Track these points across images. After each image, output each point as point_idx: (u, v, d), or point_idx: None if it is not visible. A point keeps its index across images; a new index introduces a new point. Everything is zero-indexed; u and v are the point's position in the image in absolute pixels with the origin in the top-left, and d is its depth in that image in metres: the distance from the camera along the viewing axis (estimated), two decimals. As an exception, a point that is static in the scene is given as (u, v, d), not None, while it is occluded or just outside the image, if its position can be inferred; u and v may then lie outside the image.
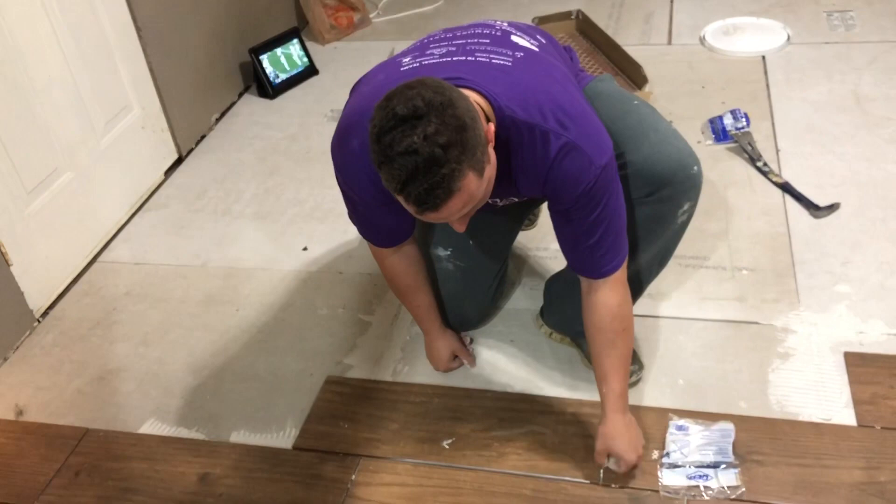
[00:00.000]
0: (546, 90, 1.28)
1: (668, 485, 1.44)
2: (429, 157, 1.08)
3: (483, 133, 1.15)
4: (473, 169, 1.12)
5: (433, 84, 1.12)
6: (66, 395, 1.82)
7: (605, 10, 3.16)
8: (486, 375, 1.71)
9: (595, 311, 1.40)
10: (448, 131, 1.08)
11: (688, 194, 1.43)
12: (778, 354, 1.66)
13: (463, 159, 1.10)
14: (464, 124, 1.10)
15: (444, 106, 1.09)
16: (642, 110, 1.46)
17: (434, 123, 1.08)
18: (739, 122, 2.31)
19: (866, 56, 2.63)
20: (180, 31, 2.59)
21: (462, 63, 1.30)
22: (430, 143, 1.07)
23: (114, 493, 1.58)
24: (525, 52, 1.35)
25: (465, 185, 1.12)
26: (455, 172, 1.10)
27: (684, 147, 1.42)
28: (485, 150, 1.15)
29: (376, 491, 1.51)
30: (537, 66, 1.33)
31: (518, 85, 1.27)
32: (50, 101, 2.08)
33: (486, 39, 1.37)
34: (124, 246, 2.29)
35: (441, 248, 1.70)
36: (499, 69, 1.29)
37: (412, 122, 1.08)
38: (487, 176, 1.17)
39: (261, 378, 1.79)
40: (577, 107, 1.29)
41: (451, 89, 1.13)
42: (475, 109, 1.16)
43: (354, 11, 3.30)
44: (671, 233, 1.48)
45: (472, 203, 1.17)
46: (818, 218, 2.00)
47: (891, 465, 1.43)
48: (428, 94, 1.09)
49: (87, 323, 2.02)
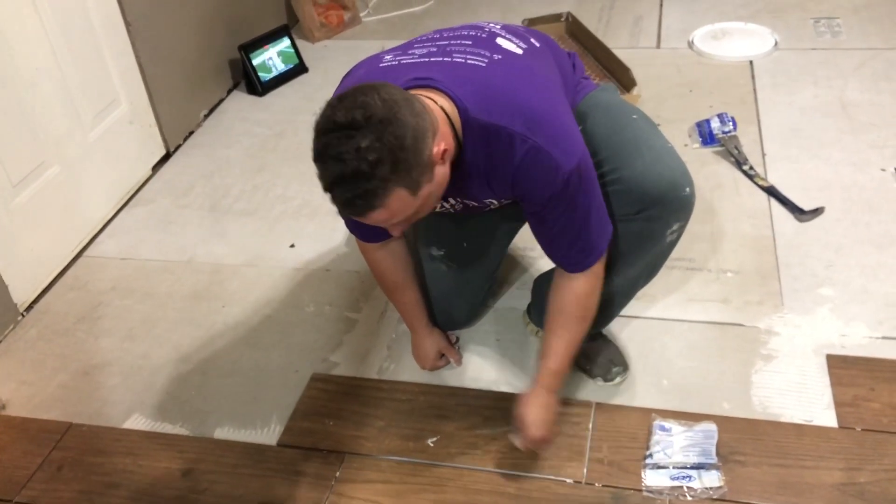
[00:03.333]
0: (516, 92, 1.27)
1: (652, 485, 1.45)
2: (355, 170, 1.09)
3: (428, 153, 1.15)
4: (404, 187, 1.14)
5: (388, 95, 1.12)
6: (50, 390, 1.81)
7: (595, 12, 3.18)
8: (471, 374, 1.72)
9: (562, 292, 1.43)
10: (381, 149, 1.09)
11: (677, 215, 1.42)
12: (761, 356, 1.68)
13: (391, 178, 1.11)
14: (402, 144, 1.10)
15: (384, 122, 1.09)
16: (640, 125, 1.45)
17: (368, 139, 1.09)
18: (726, 125, 2.33)
19: (852, 62, 2.65)
20: (170, 27, 2.58)
21: (437, 64, 1.30)
22: (359, 158, 1.09)
23: (97, 487, 1.58)
24: (505, 54, 1.34)
25: (389, 203, 1.13)
26: (379, 189, 1.11)
27: (678, 167, 1.40)
28: (425, 170, 1.16)
29: (360, 488, 1.51)
30: (513, 69, 1.31)
31: (488, 87, 1.26)
32: (37, 93, 2.07)
33: (468, 41, 1.37)
34: (111, 241, 2.28)
35: (435, 248, 1.70)
36: (471, 70, 1.29)
37: (348, 131, 1.09)
38: (426, 193, 1.18)
39: (246, 374, 1.79)
40: (547, 110, 1.28)
41: (404, 104, 1.13)
42: (424, 129, 1.15)
43: (345, 10, 3.30)
44: (659, 250, 1.48)
45: (400, 217, 1.19)
46: (803, 222, 2.02)
47: (870, 467, 1.44)
48: (375, 105, 1.10)
49: (72, 317, 2.01)
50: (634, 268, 1.51)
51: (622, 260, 1.48)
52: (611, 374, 1.64)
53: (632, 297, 1.62)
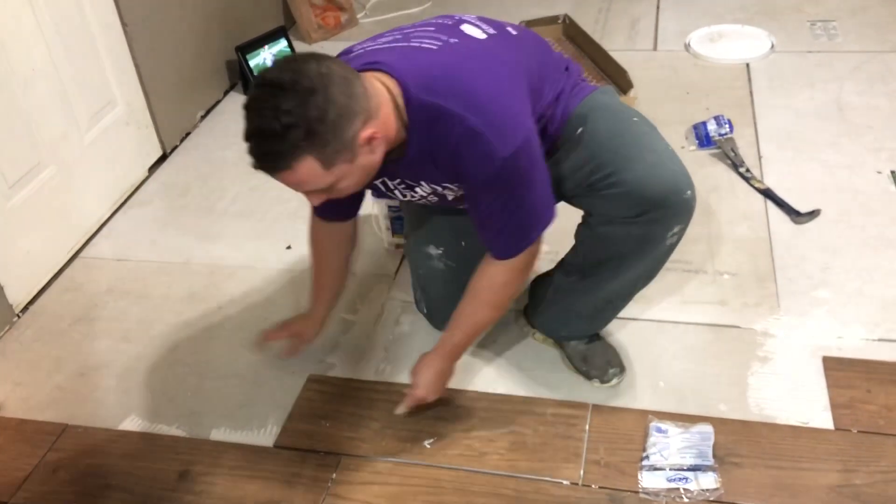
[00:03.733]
0: (461, 74, 1.27)
1: (648, 487, 1.45)
2: (267, 128, 1.14)
3: (352, 135, 1.18)
4: (316, 158, 1.17)
5: (326, 69, 1.16)
6: (46, 391, 1.81)
7: (592, 14, 3.18)
8: (468, 375, 1.72)
9: (481, 276, 1.44)
10: (299, 115, 1.13)
11: (678, 217, 1.42)
12: (758, 358, 1.68)
13: (303, 145, 1.15)
14: (321, 117, 1.14)
15: (309, 91, 1.13)
16: (641, 128, 1.45)
17: (290, 103, 1.13)
18: (723, 128, 2.33)
19: (848, 65, 2.66)
20: (166, 28, 2.58)
21: (394, 49, 1.32)
22: (274, 118, 1.13)
23: (92, 489, 1.57)
24: (463, 39, 1.34)
25: (298, 167, 1.17)
26: (288, 153, 1.15)
27: (680, 170, 1.40)
28: (344, 149, 1.18)
29: (357, 490, 1.51)
30: (465, 52, 1.32)
31: (433, 68, 1.28)
32: (33, 94, 2.07)
33: (432, 27, 1.38)
34: (107, 242, 2.27)
35: (433, 246, 1.70)
36: (422, 53, 1.30)
37: (275, 90, 1.14)
38: (341, 171, 1.21)
39: (242, 376, 1.78)
40: (492, 93, 1.27)
41: (341, 81, 1.16)
42: (354, 111, 1.17)
43: (342, 11, 3.30)
44: (659, 253, 1.48)
45: (310, 185, 1.22)
46: (799, 224, 2.02)
47: (866, 469, 1.44)
48: (308, 74, 1.14)
49: (68, 319, 2.01)
50: (634, 270, 1.51)
51: (622, 262, 1.48)
52: (607, 375, 1.64)
53: (630, 300, 1.63)
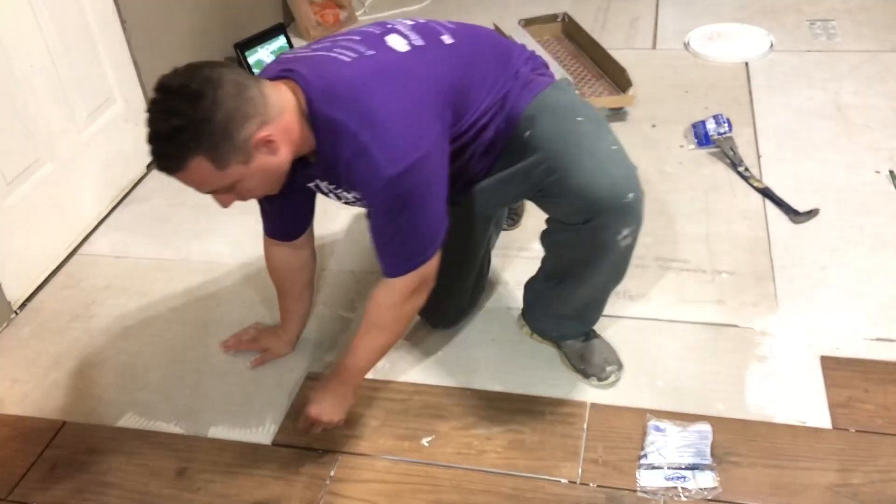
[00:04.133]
0: (362, 89, 1.28)
1: (646, 486, 1.45)
2: (159, 131, 1.22)
3: (244, 136, 1.23)
4: (207, 159, 1.22)
5: (217, 74, 1.21)
6: (43, 388, 1.80)
7: (591, 13, 3.18)
8: (466, 374, 1.72)
9: (372, 296, 1.45)
10: (185, 119, 1.19)
11: (624, 221, 1.40)
12: (756, 357, 1.68)
13: (192, 147, 1.21)
14: (208, 118, 1.19)
15: (196, 96, 1.19)
16: (583, 129, 1.41)
17: (176, 106, 1.19)
18: (722, 127, 2.33)
19: (847, 64, 2.66)
20: (165, 24, 2.58)
21: (314, 57, 1.35)
22: (165, 121, 1.20)
23: (90, 486, 1.57)
24: (381, 52, 1.34)
25: (190, 168, 1.23)
26: (178, 154, 1.22)
27: (620, 173, 1.37)
28: (236, 151, 1.23)
29: (355, 488, 1.51)
30: (375, 67, 1.32)
31: (338, 81, 1.29)
32: (31, 90, 2.06)
33: (359, 37, 1.39)
34: (105, 239, 2.27)
35: None
36: (333, 64, 1.32)
37: (165, 95, 1.21)
38: (238, 172, 1.26)
39: (240, 373, 1.78)
40: (390, 111, 1.27)
41: (230, 85, 1.21)
42: (246, 113, 1.22)
43: (341, 9, 3.30)
44: (617, 256, 1.47)
45: (213, 185, 1.28)
46: (798, 223, 2.02)
47: (864, 468, 1.45)
48: (197, 78, 1.20)
49: (66, 316, 2.00)
50: (598, 275, 1.52)
51: (583, 268, 1.50)
52: (605, 373, 1.64)
53: (606, 300, 1.64)
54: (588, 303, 1.63)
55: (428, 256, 1.37)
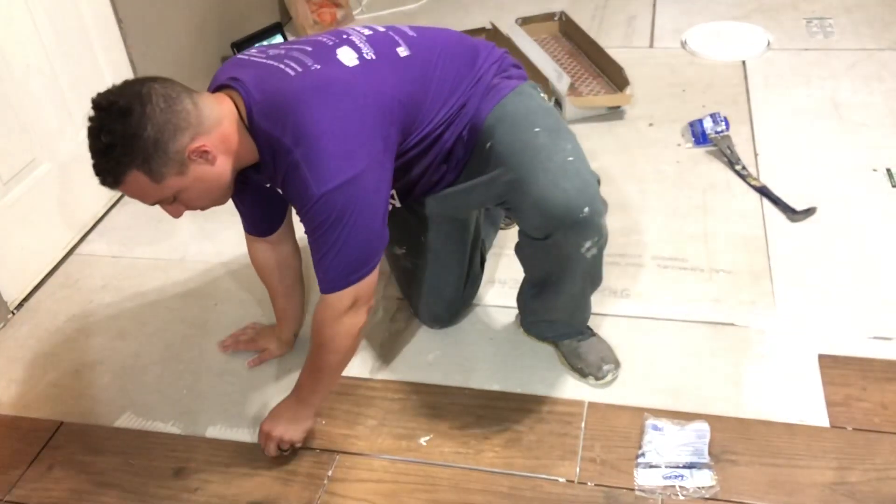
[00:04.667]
0: (299, 106, 1.28)
1: (644, 484, 1.45)
2: (94, 148, 1.25)
3: (176, 148, 1.25)
4: (142, 172, 1.25)
5: (146, 89, 1.24)
6: (41, 388, 1.80)
7: (589, 12, 3.18)
8: (464, 373, 1.72)
9: (314, 315, 1.43)
10: (113, 135, 1.22)
11: (584, 235, 1.39)
12: (753, 356, 1.68)
13: (126, 161, 1.24)
14: (136, 133, 1.22)
15: (124, 112, 1.22)
16: (539, 141, 1.39)
17: (106, 124, 1.23)
18: (719, 125, 2.33)
19: (844, 63, 2.66)
20: (162, 24, 2.57)
21: (262, 66, 1.35)
22: (97, 138, 1.24)
23: (88, 487, 1.57)
24: (327, 67, 1.33)
25: (127, 182, 1.27)
26: (113, 169, 1.25)
27: (574, 187, 1.35)
28: (169, 163, 1.26)
29: (353, 487, 1.51)
30: (315, 83, 1.30)
31: (277, 96, 1.30)
32: (28, 90, 2.06)
33: (310, 48, 1.38)
34: (102, 239, 2.27)
35: (396, 246, 1.71)
36: (278, 78, 1.32)
37: (98, 114, 1.24)
38: (175, 184, 1.29)
39: (238, 373, 1.78)
40: (324, 130, 1.27)
41: (162, 100, 1.23)
42: (177, 126, 1.24)
43: (338, 8, 3.29)
44: (586, 266, 1.47)
45: (155, 197, 1.32)
46: (795, 222, 2.02)
47: (861, 466, 1.45)
48: (126, 94, 1.23)
49: (63, 315, 2.00)
50: (573, 284, 1.53)
51: (556, 279, 1.52)
52: (602, 371, 1.64)
53: (589, 301, 1.64)
54: (571, 309, 1.63)
55: (363, 274, 1.35)
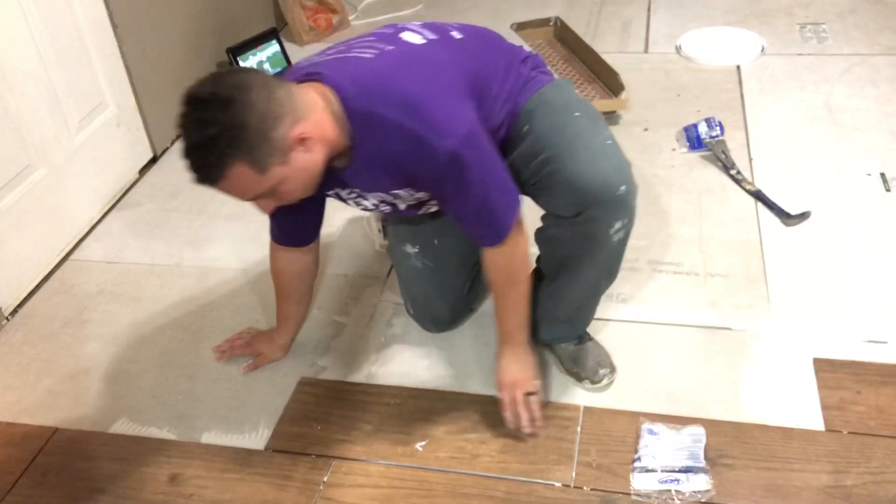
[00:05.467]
0: (394, 80, 1.29)
1: (640, 489, 1.45)
2: (196, 141, 1.20)
3: (280, 136, 1.21)
4: (246, 164, 1.21)
5: (242, 80, 1.21)
6: (35, 394, 1.80)
7: (584, 17, 3.19)
8: (460, 378, 1.72)
9: (486, 268, 1.49)
10: (220, 126, 1.18)
11: (615, 214, 1.41)
12: (749, 360, 1.68)
13: (231, 153, 1.19)
14: (243, 123, 1.18)
15: (227, 101, 1.18)
16: (579, 124, 1.43)
17: (210, 114, 1.18)
18: (714, 130, 2.34)
19: (838, 68, 2.67)
20: (157, 29, 2.57)
21: (332, 60, 1.35)
22: (200, 131, 1.19)
23: (82, 493, 1.56)
24: (400, 46, 1.36)
25: (230, 175, 1.22)
26: (217, 162, 1.20)
27: (612, 166, 1.39)
28: (274, 152, 1.22)
29: (348, 492, 1.51)
30: (399, 58, 1.34)
31: (367, 76, 1.30)
32: (22, 96, 2.06)
33: (373, 37, 1.40)
34: (97, 244, 2.26)
35: (409, 245, 1.71)
36: (357, 62, 1.32)
37: (196, 105, 1.20)
38: (278, 174, 1.24)
39: (233, 379, 1.78)
40: (425, 95, 1.29)
41: (260, 88, 1.20)
42: (278, 113, 1.21)
43: (333, 13, 3.30)
44: (608, 250, 1.48)
45: (255, 191, 1.27)
46: (790, 226, 2.03)
47: (857, 469, 1.45)
48: (225, 85, 1.20)
49: (58, 321, 2.00)
50: (591, 271, 1.52)
51: (576, 264, 1.51)
52: (598, 375, 1.64)
53: (599, 299, 1.64)
54: (580, 304, 1.63)
55: (513, 210, 1.39)
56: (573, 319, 1.66)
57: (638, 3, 3.26)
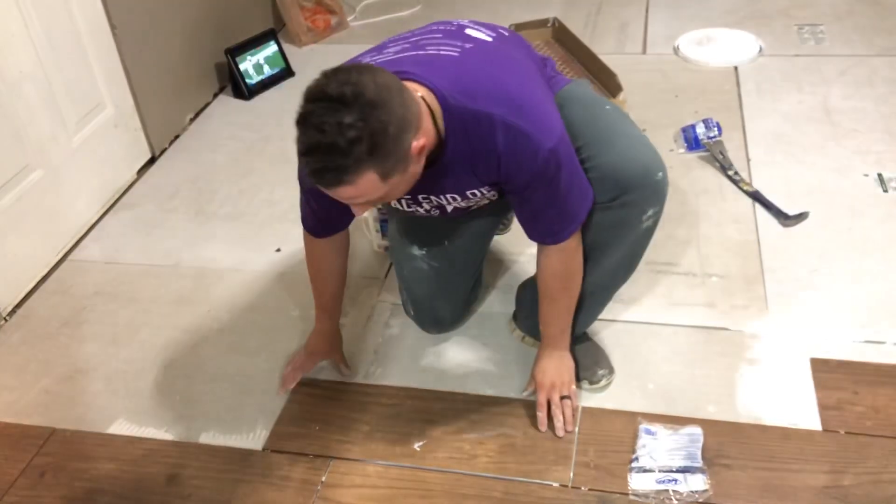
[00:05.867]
0: (493, 77, 1.30)
1: (638, 489, 1.45)
2: (331, 143, 1.11)
3: (407, 147, 1.17)
4: (376, 171, 1.15)
5: (382, 80, 1.15)
6: (33, 395, 1.80)
7: (582, 18, 3.19)
8: (458, 378, 1.72)
9: (543, 270, 1.50)
10: (363, 129, 1.10)
11: (651, 200, 1.44)
12: (746, 360, 1.69)
13: (366, 159, 1.13)
14: (384, 130, 1.12)
15: (372, 105, 1.11)
16: (613, 115, 1.48)
17: (353, 117, 1.10)
18: (711, 131, 2.34)
19: (835, 69, 2.67)
20: (155, 30, 2.57)
21: (411, 58, 1.33)
22: (340, 132, 1.10)
23: (80, 494, 1.56)
24: (477, 43, 1.37)
25: (359, 181, 1.15)
26: (352, 167, 1.13)
27: (650, 153, 1.43)
28: (400, 161, 1.18)
29: (346, 493, 1.51)
30: (487, 56, 1.35)
31: (465, 74, 1.29)
32: (20, 97, 2.06)
33: (439, 34, 1.40)
34: (95, 245, 2.26)
35: (416, 247, 1.70)
36: (447, 60, 1.31)
37: (336, 105, 1.11)
38: (395, 182, 1.20)
39: (231, 379, 1.78)
40: (525, 92, 1.31)
41: (397, 93, 1.16)
42: (409, 122, 1.17)
43: (332, 14, 3.30)
44: (636, 237, 1.49)
45: (366, 198, 1.21)
46: (787, 226, 2.03)
47: (854, 470, 1.45)
48: (368, 86, 1.12)
49: (56, 322, 2.00)
50: (612, 258, 1.52)
51: (600, 250, 1.50)
52: (596, 376, 1.64)
53: (613, 294, 1.64)
54: (594, 292, 1.60)
55: (588, 210, 1.41)
56: (578, 314, 1.64)
57: (636, 4, 3.27)
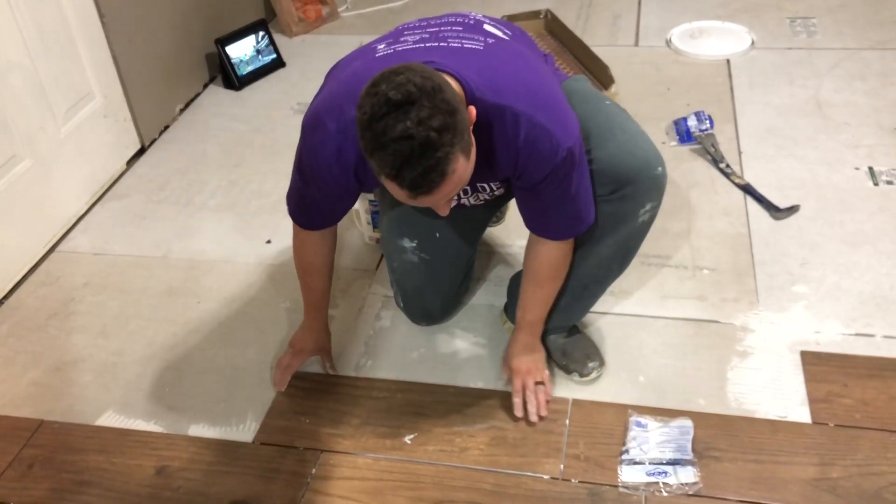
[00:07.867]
0: (516, 74, 1.31)
1: (628, 481, 1.45)
2: (424, 142, 1.09)
3: (467, 116, 1.17)
4: (463, 152, 1.14)
5: (420, 69, 1.13)
6: (21, 387, 1.78)
7: (574, 10, 3.18)
8: (449, 371, 1.71)
9: (536, 257, 1.50)
10: (440, 115, 1.09)
11: (650, 194, 1.44)
12: (737, 353, 1.69)
13: (455, 142, 1.12)
14: (454, 108, 1.12)
15: (434, 90, 1.10)
16: (612, 110, 1.48)
17: (427, 108, 1.09)
18: (703, 123, 2.34)
19: (827, 62, 2.68)
20: (145, 19, 2.55)
21: (435, 49, 1.32)
22: (425, 128, 1.08)
23: (68, 485, 1.56)
24: (496, 38, 1.39)
25: (457, 168, 1.14)
26: (449, 156, 1.12)
27: (650, 148, 1.43)
28: (469, 134, 1.17)
29: (336, 485, 1.51)
30: (508, 52, 1.37)
31: (489, 68, 1.29)
32: (8, 86, 2.04)
33: (458, 27, 1.40)
34: (84, 236, 2.25)
35: (407, 239, 1.69)
36: (471, 53, 1.31)
37: (405, 107, 1.09)
38: (472, 158, 1.19)
39: (221, 371, 1.77)
40: (546, 90, 1.32)
41: (437, 74, 1.15)
42: (459, 93, 1.19)
43: (323, 5, 3.28)
44: (633, 231, 1.50)
45: (461, 185, 1.20)
46: (778, 219, 2.03)
47: (843, 462, 1.46)
48: (417, 79, 1.10)
49: (44, 313, 1.98)
50: (608, 248, 1.52)
51: (596, 242, 1.50)
52: (587, 369, 1.64)
53: (606, 287, 1.64)
54: (587, 285, 1.61)
55: (593, 218, 1.43)
56: (571, 306, 1.64)
57: (628, -4, 3.26)
